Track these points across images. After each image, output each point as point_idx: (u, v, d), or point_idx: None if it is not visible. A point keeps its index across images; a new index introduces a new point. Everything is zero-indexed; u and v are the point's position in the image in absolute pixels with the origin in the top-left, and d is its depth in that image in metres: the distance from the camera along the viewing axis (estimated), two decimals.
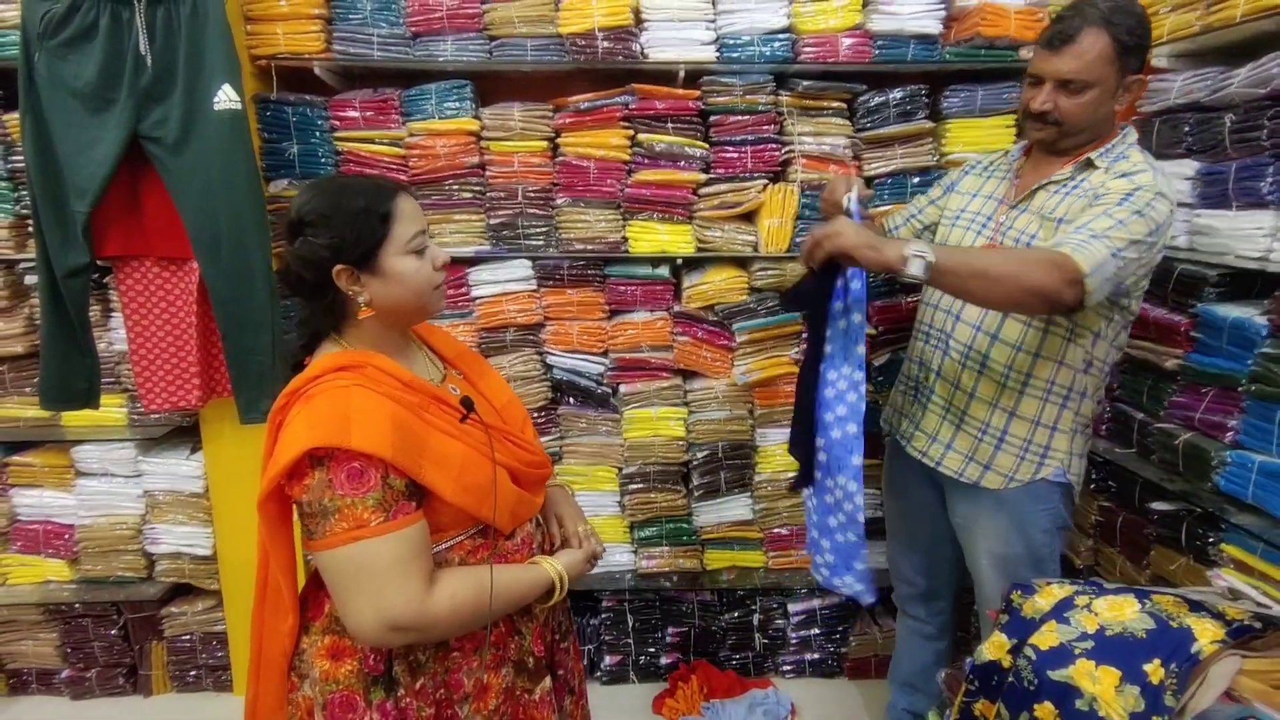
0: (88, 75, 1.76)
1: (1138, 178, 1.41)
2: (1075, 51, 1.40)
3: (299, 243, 1.09)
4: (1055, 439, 1.59)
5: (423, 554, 1.06)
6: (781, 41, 2.09)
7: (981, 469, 1.62)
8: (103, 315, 2.19)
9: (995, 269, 1.29)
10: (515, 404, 1.31)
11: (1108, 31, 1.39)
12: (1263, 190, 1.61)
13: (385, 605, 1.00)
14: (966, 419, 1.62)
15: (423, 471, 1.05)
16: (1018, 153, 1.66)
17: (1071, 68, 1.41)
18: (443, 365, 1.28)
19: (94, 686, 2.40)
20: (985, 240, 1.58)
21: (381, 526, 1.01)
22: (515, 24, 2.07)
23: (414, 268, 1.11)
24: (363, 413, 1.03)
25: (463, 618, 1.07)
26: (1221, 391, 1.71)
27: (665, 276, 2.25)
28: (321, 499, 1.01)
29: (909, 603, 1.97)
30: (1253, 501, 1.59)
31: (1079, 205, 1.45)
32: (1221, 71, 1.74)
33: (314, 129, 2.13)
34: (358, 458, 1.01)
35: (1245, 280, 1.75)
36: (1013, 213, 1.56)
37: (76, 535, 2.30)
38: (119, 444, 2.28)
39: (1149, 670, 1.16)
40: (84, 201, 1.81)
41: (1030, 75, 1.50)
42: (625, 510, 2.35)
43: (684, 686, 2.32)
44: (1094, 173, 1.48)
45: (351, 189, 1.10)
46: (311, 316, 1.14)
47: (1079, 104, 1.44)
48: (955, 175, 1.79)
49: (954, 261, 1.30)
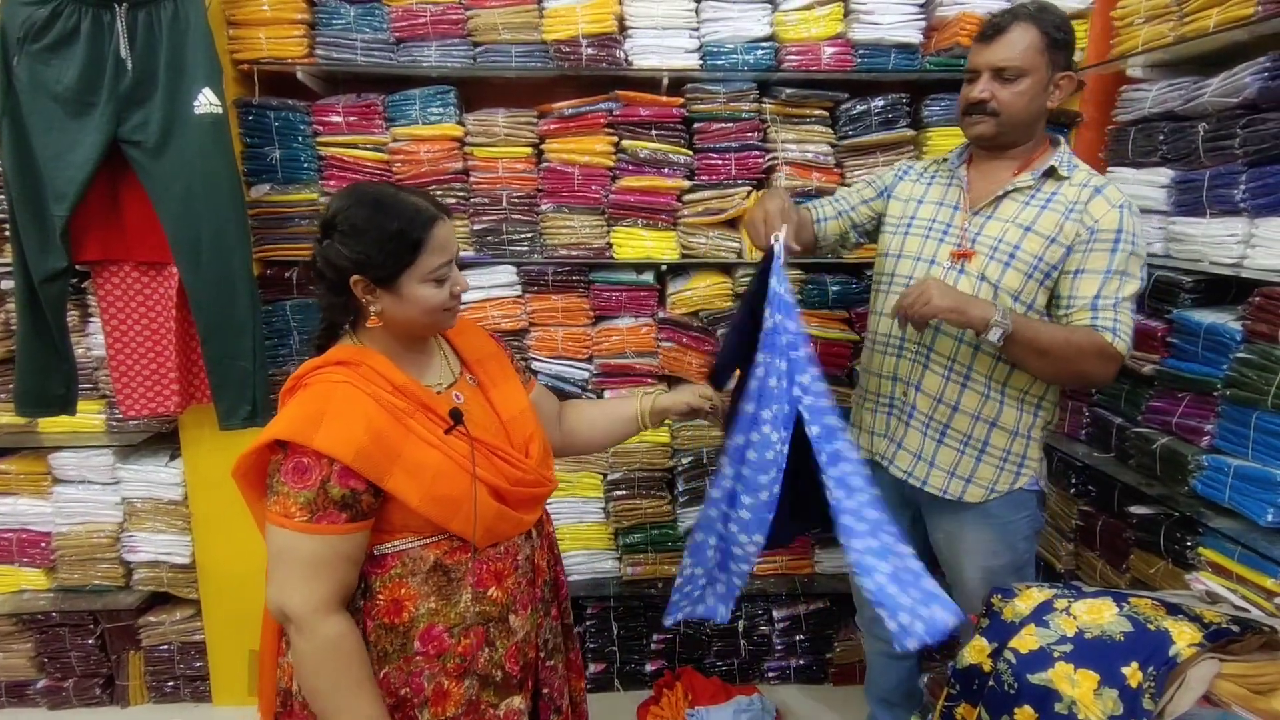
0: (68, 79, 1.75)
1: (1109, 193, 1.49)
2: (1007, 41, 1.48)
3: (326, 243, 1.12)
4: (1030, 447, 1.62)
5: (340, 564, 1.07)
6: (764, 50, 2.11)
7: (964, 483, 1.62)
8: (81, 320, 2.17)
9: (1056, 351, 1.44)
10: (526, 416, 1.29)
11: (1036, 25, 1.48)
12: (1235, 198, 1.63)
13: (285, 592, 1.07)
14: (949, 433, 1.61)
15: (390, 477, 1.07)
16: (958, 160, 1.66)
17: (1004, 55, 1.49)
18: (459, 369, 1.28)
19: (71, 697, 2.36)
20: (952, 247, 1.58)
21: (302, 525, 1.05)
22: (499, 30, 2.07)
23: (430, 295, 1.13)
24: (339, 411, 1.06)
25: (325, 662, 1.06)
26: (1197, 396, 1.73)
27: (650, 283, 2.26)
28: (273, 476, 1.09)
29: (876, 624, 1.93)
30: (1229, 505, 1.61)
31: (1066, 229, 1.48)
32: (1195, 81, 1.76)
33: (297, 134, 2.12)
34: (309, 454, 1.05)
35: (1220, 286, 1.78)
36: (977, 219, 1.57)
37: (53, 543, 2.27)
38: (97, 451, 2.25)
39: (1127, 673, 1.16)
40: (62, 205, 1.80)
41: (968, 71, 1.56)
42: (610, 517, 2.34)
43: (669, 694, 2.31)
44: (1063, 184, 1.52)
45: (392, 208, 1.11)
46: (329, 308, 1.18)
47: (1015, 93, 1.50)
48: (888, 179, 1.78)
49: (1024, 337, 1.41)
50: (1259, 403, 1.55)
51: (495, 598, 1.18)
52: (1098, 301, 1.46)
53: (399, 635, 1.13)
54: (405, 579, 1.13)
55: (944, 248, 1.59)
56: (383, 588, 1.13)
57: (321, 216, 1.15)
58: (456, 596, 1.15)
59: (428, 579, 1.13)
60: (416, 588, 1.13)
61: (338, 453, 1.04)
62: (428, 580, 1.13)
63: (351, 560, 1.09)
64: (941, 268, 1.58)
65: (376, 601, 1.13)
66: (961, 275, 1.55)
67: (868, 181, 1.82)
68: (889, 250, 1.69)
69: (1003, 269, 1.52)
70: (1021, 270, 1.50)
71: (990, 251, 1.53)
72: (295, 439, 1.05)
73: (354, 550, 1.09)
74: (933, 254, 1.60)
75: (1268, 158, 1.58)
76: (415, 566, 1.13)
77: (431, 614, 1.14)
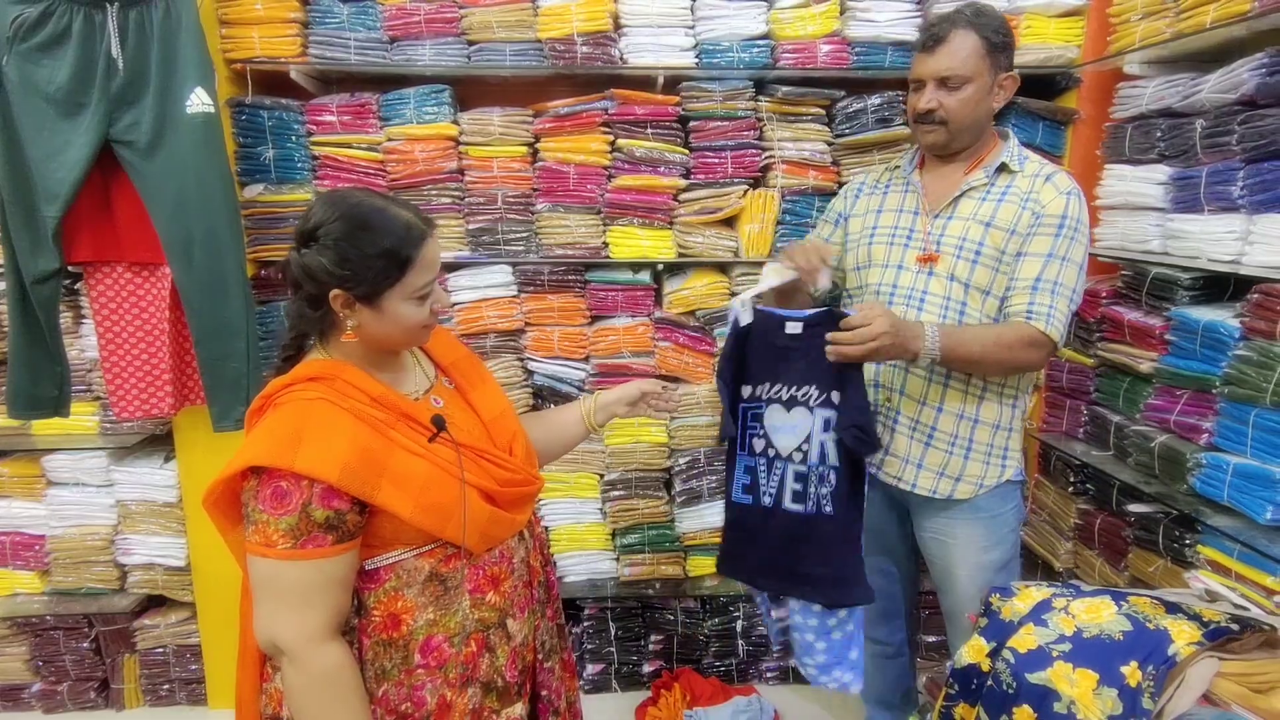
0: (60, 79, 1.74)
1: (1058, 180, 1.53)
2: (948, 50, 1.50)
3: (306, 252, 1.07)
4: (1011, 439, 1.65)
5: (331, 589, 1.04)
6: (760, 48, 2.10)
7: (953, 482, 1.62)
8: (74, 322, 2.16)
9: (988, 356, 1.49)
10: (507, 416, 1.27)
11: (975, 30, 1.49)
12: (1233, 194, 1.62)
13: (276, 624, 1.02)
14: (935, 434, 1.62)
15: (378, 492, 1.04)
16: (910, 166, 1.68)
17: (947, 64, 1.50)
18: (435, 374, 1.26)
19: (65, 700, 2.35)
20: (917, 251, 1.59)
21: (286, 552, 1.01)
22: (494, 29, 2.06)
23: (411, 312, 1.10)
24: (319, 430, 1.02)
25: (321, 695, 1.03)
26: (1196, 394, 1.73)
27: (646, 282, 2.25)
28: (248, 504, 1.04)
29: (869, 627, 1.92)
30: (1228, 503, 1.61)
31: (1023, 218, 1.51)
32: (1192, 77, 1.76)
33: (290, 133, 2.11)
34: (289, 477, 1.01)
35: (1218, 283, 1.77)
36: (938, 221, 1.59)
37: (47, 546, 2.26)
38: (90, 453, 2.24)
39: (1126, 672, 1.16)
40: (54, 206, 1.78)
41: (912, 81, 1.57)
42: (607, 517, 2.33)
43: (667, 695, 2.30)
44: (1015, 177, 1.55)
45: (380, 226, 1.06)
46: (300, 319, 1.13)
47: (961, 99, 1.51)
48: (841, 206, 1.79)
49: (955, 355, 1.46)
50: (1258, 400, 1.55)
51: (493, 603, 1.17)
52: (1037, 284, 1.49)
53: (398, 649, 1.10)
54: (401, 591, 1.10)
55: (909, 252, 1.61)
56: (377, 603, 1.10)
57: (301, 224, 1.08)
58: (455, 605, 1.13)
59: (424, 589, 1.11)
60: (413, 599, 1.10)
61: (321, 473, 0.99)
62: (424, 590, 1.11)
63: (342, 583, 1.06)
64: (910, 271, 1.60)
65: (372, 618, 1.09)
66: (931, 277, 1.57)
67: (825, 220, 1.85)
68: (858, 263, 1.70)
69: (971, 266, 1.54)
70: (989, 265, 1.53)
71: (956, 251, 1.55)
72: (274, 463, 0.99)
73: (344, 572, 1.05)
74: (900, 259, 1.62)
75: (1265, 154, 1.57)
76: (410, 578, 1.10)
77: (430, 625, 1.11)
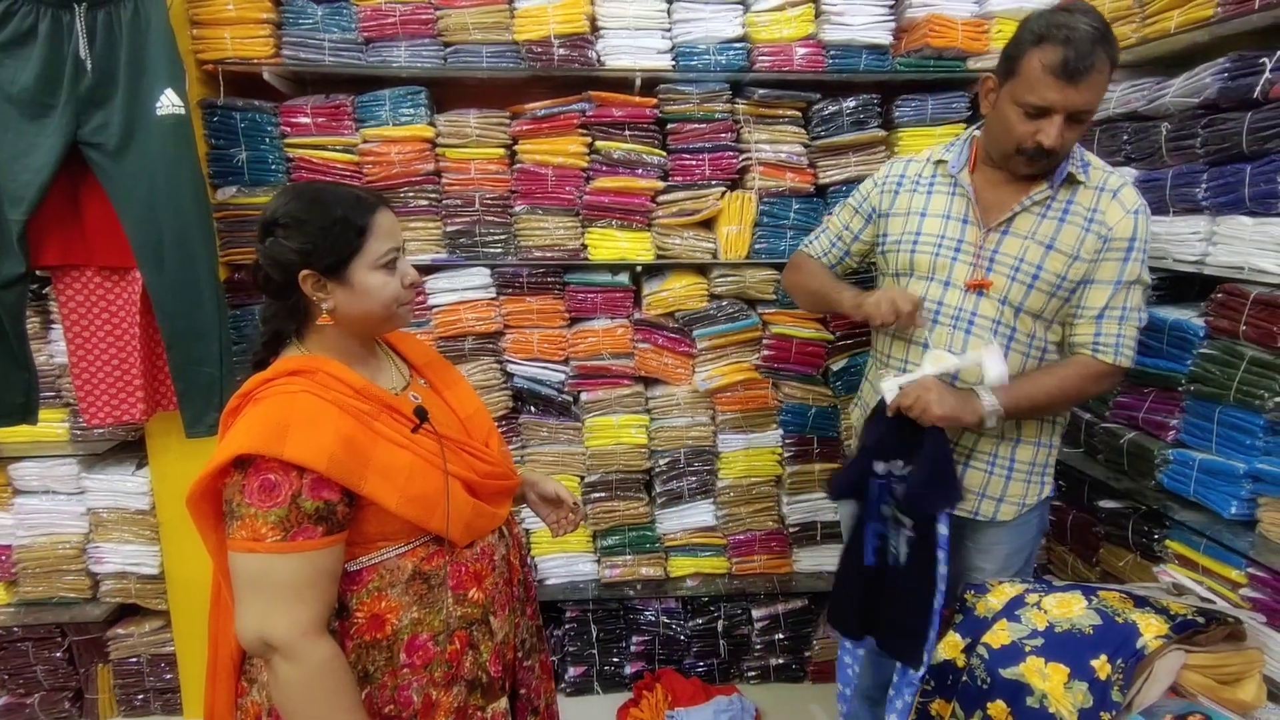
0: (24, 80, 1.71)
1: (1124, 196, 1.43)
2: (1095, 83, 1.30)
3: (269, 242, 1.09)
4: (1051, 455, 1.59)
5: (321, 582, 1.03)
6: (737, 50, 2.11)
7: (995, 503, 1.56)
8: (42, 327, 2.12)
9: (1054, 400, 1.46)
10: (482, 413, 1.29)
11: (1108, 56, 1.31)
12: (1197, 196, 1.66)
13: (268, 621, 1.00)
14: (975, 454, 1.54)
15: (365, 483, 1.04)
16: (958, 162, 1.52)
17: (1088, 100, 1.32)
18: (409, 372, 1.27)
19: (37, 713, 2.30)
20: (967, 265, 1.48)
21: (277, 545, 1.00)
22: (470, 30, 2.05)
23: (382, 283, 1.11)
24: (304, 421, 1.02)
25: (318, 689, 1.01)
26: (1163, 391, 1.76)
27: (625, 284, 2.25)
28: (232, 500, 1.02)
29: None
30: (1194, 498, 1.64)
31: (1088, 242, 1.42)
32: (1158, 82, 1.79)
33: (264, 135, 2.08)
34: (277, 469, 1.00)
35: (1184, 283, 1.81)
36: (993, 235, 1.47)
37: (14, 556, 2.21)
38: (60, 460, 2.19)
39: (1096, 666, 1.18)
40: (20, 209, 1.75)
41: (1033, 106, 1.34)
42: (588, 519, 2.33)
43: (648, 695, 2.30)
44: (1078, 189, 1.44)
45: (331, 198, 1.10)
46: (274, 316, 1.14)
47: (1078, 133, 1.36)
48: (877, 201, 1.65)
49: (1019, 408, 1.44)
50: (1222, 397, 1.58)
51: (476, 599, 1.17)
52: (1105, 313, 1.44)
53: (383, 651, 1.10)
54: (384, 591, 1.10)
55: (958, 267, 1.50)
56: (360, 605, 1.09)
57: (260, 219, 1.11)
58: (439, 602, 1.13)
59: (408, 588, 1.11)
60: (397, 599, 1.10)
61: (310, 461, 0.99)
62: (408, 589, 1.11)
63: (331, 576, 1.05)
64: (958, 289, 1.49)
65: (355, 620, 1.09)
66: (981, 298, 1.48)
67: (854, 208, 1.70)
68: (897, 269, 1.59)
69: (1026, 291, 1.45)
70: (1045, 291, 1.44)
71: (1011, 273, 1.45)
72: (263, 451, 0.99)
73: (333, 565, 1.05)
74: (947, 274, 1.50)
75: (1228, 157, 1.60)
76: (393, 577, 1.10)
77: (415, 624, 1.11)
